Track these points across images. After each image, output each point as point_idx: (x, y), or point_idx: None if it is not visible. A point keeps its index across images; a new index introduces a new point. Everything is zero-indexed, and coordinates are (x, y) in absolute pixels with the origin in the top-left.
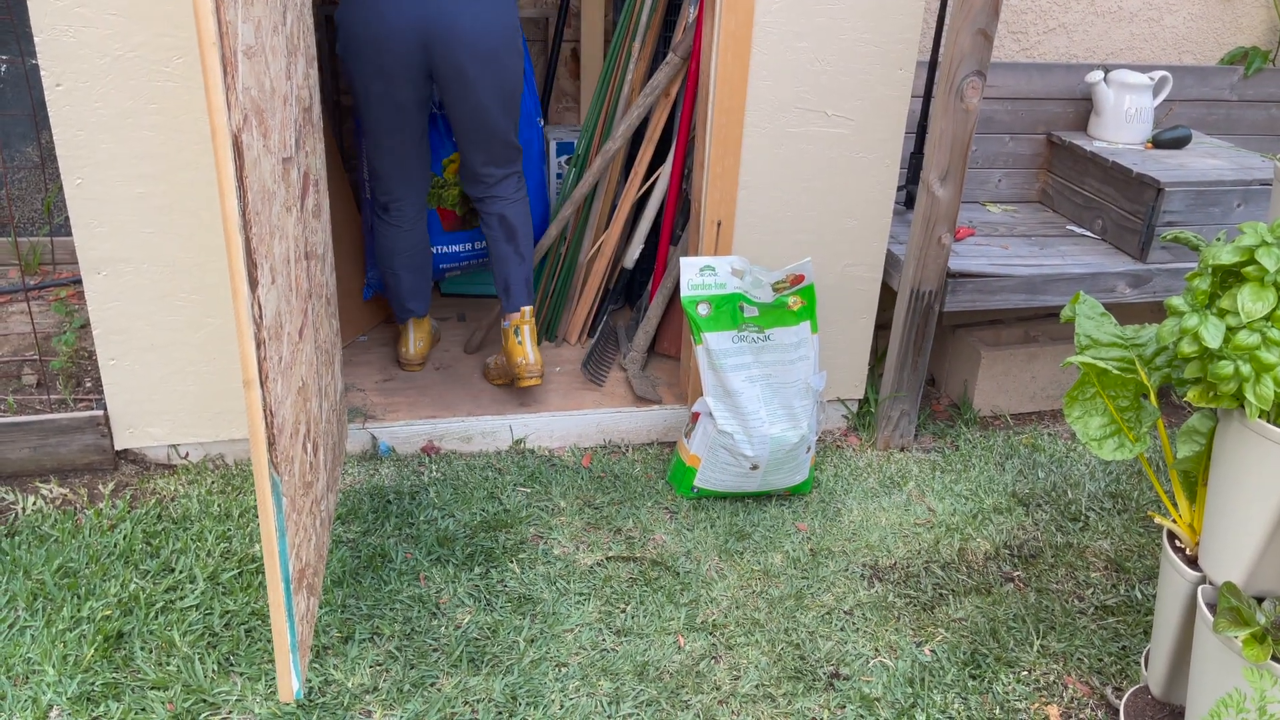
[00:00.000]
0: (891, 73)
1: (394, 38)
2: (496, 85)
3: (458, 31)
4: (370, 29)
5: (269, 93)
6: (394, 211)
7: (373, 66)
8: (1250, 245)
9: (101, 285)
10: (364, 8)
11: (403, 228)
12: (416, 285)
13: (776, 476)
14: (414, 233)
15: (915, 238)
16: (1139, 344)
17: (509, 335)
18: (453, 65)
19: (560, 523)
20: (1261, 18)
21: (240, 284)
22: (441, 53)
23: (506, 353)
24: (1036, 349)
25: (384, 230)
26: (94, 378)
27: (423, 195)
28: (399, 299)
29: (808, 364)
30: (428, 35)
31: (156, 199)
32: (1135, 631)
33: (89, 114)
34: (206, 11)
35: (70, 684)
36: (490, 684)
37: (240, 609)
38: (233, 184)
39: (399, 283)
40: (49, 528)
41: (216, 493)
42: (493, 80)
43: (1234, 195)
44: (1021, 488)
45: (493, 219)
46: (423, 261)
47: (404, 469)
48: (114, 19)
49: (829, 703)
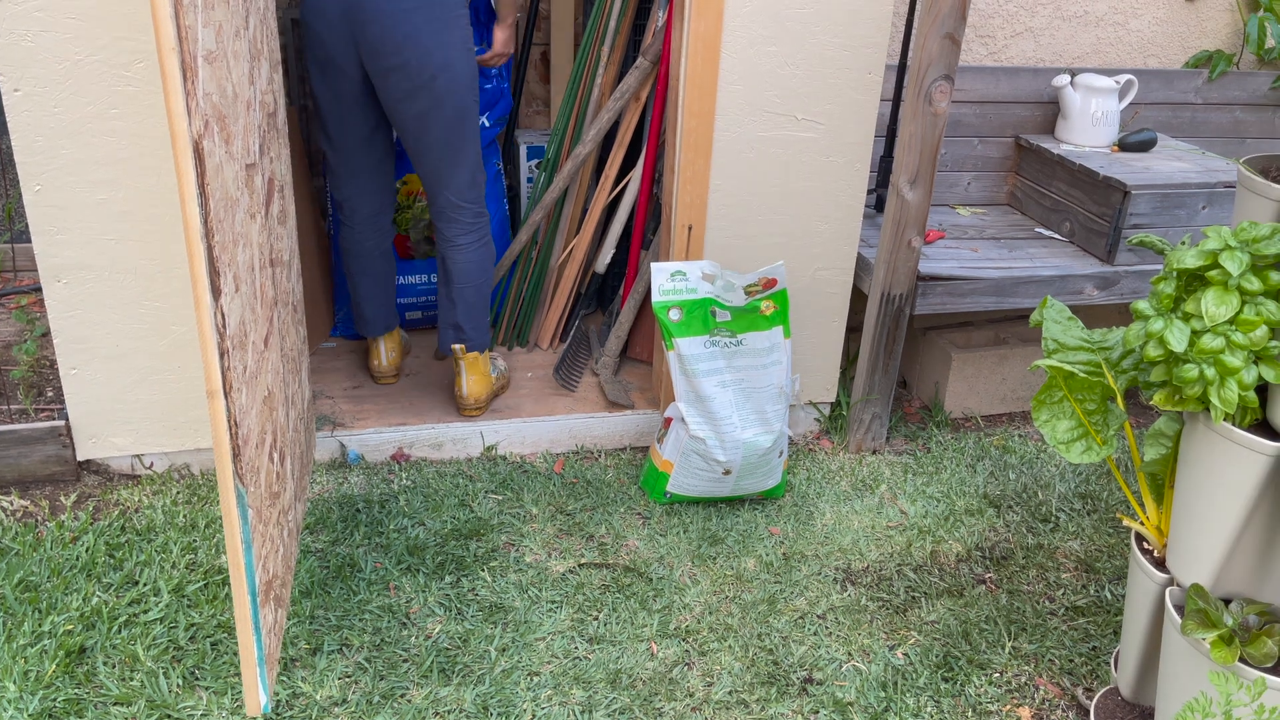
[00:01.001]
0: (861, 77)
1: (323, 23)
2: (427, 84)
3: (376, 11)
4: (310, 15)
5: (231, 98)
6: (345, 210)
7: (312, 55)
8: (1214, 249)
9: (62, 293)
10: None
11: (353, 227)
12: (372, 293)
13: (749, 481)
14: (364, 235)
15: (885, 241)
16: (1106, 347)
17: (451, 365)
18: (371, 53)
19: (532, 530)
20: (1225, 21)
21: (203, 293)
22: (361, 36)
23: None
24: (1007, 351)
25: (339, 230)
26: (55, 387)
27: (376, 199)
28: (357, 307)
29: (781, 368)
30: (350, 17)
31: (118, 205)
32: (1105, 632)
33: (49, 119)
34: (165, 16)
35: (31, 700)
36: (461, 694)
37: (206, 622)
38: (194, 191)
39: (355, 288)
40: (9, 540)
41: (182, 503)
42: (419, 77)
43: (1199, 198)
44: (993, 489)
45: (438, 258)
46: (378, 270)
47: (373, 477)
48: (73, 23)
49: (802, 708)
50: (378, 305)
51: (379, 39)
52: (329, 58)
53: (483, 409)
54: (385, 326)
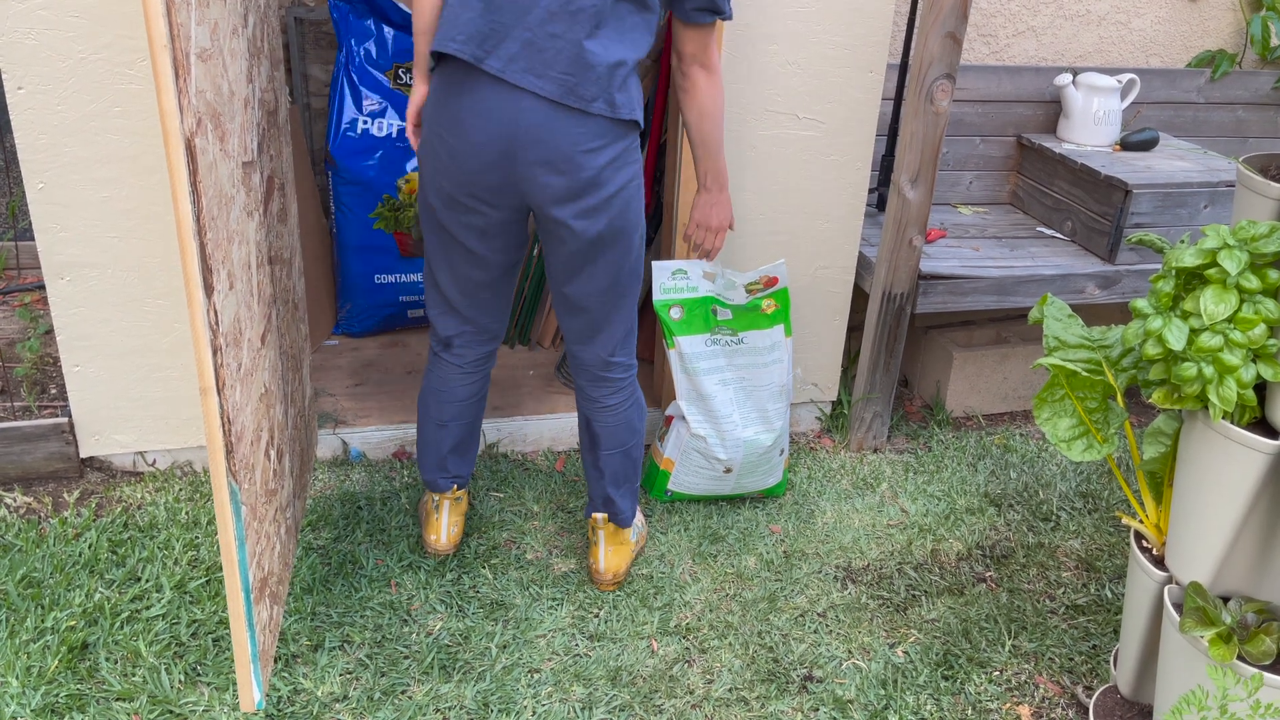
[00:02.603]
0: (862, 76)
1: (474, 154)
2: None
3: (552, 148)
4: (449, 138)
5: (227, 96)
6: (454, 349)
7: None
8: (1213, 248)
9: (66, 290)
10: (444, 104)
11: (460, 369)
12: (463, 444)
13: (750, 479)
14: (469, 379)
15: (887, 240)
16: (1106, 345)
17: (588, 529)
18: (545, 196)
19: (533, 527)
20: (1228, 21)
21: (195, 290)
22: (530, 175)
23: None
24: (1008, 350)
25: (440, 370)
26: (59, 384)
27: (492, 341)
28: (439, 460)
29: (782, 367)
30: (513, 156)
31: (121, 203)
32: (1105, 631)
33: (52, 117)
34: (157, 14)
35: (34, 696)
36: (462, 691)
37: (208, 618)
38: (186, 189)
39: (443, 437)
40: (13, 537)
41: (184, 500)
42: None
43: (1201, 197)
44: (994, 488)
45: (580, 416)
46: (472, 417)
47: (375, 474)
48: (77, 21)
49: (802, 705)
50: (460, 461)
51: (555, 185)
52: (477, 195)
53: (620, 583)
54: (460, 481)
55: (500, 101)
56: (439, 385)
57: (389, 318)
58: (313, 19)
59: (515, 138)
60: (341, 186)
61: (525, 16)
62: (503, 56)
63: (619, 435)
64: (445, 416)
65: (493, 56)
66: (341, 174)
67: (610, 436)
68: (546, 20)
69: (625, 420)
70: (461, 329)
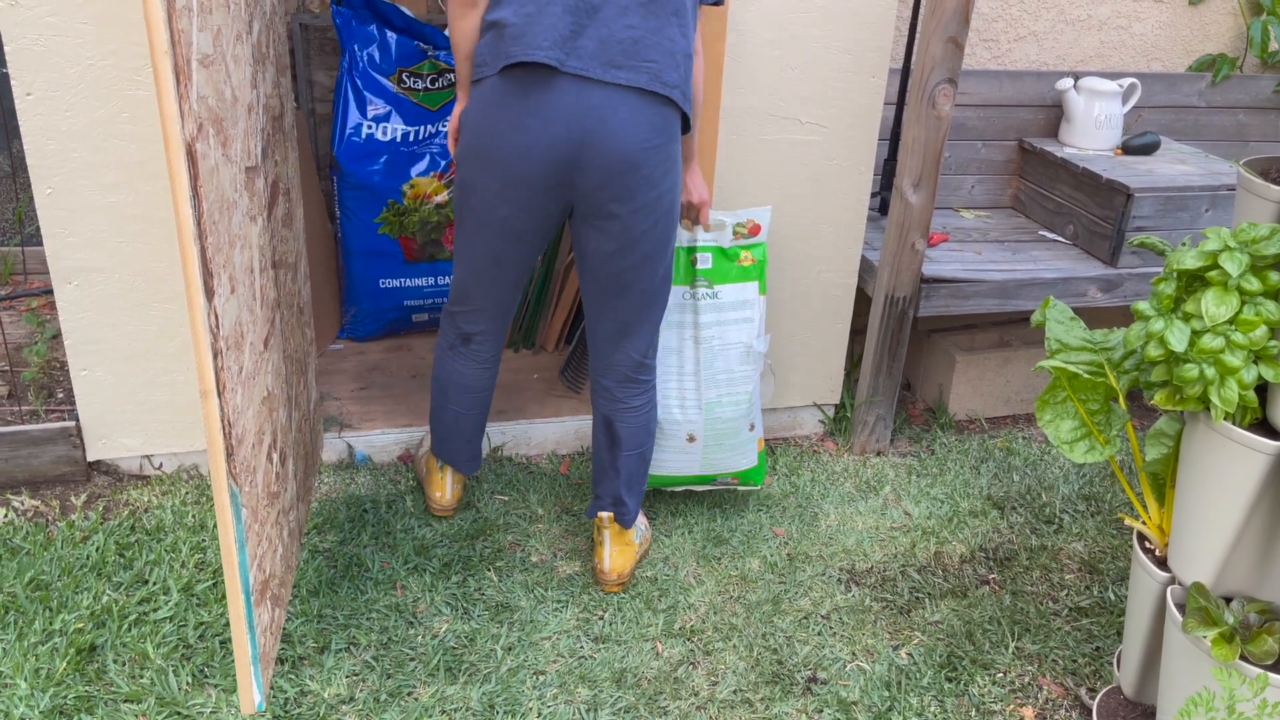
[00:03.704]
0: (864, 80)
1: (537, 155)
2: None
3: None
4: (508, 139)
5: (230, 102)
6: (475, 344)
7: (499, 185)
8: (1213, 250)
9: (73, 295)
10: (504, 107)
11: (479, 363)
12: (480, 429)
13: (719, 456)
14: (486, 372)
15: (889, 243)
16: (1108, 348)
17: (593, 530)
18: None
19: (538, 530)
20: (1229, 25)
21: (196, 293)
22: (590, 174)
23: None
24: (1010, 353)
25: (458, 364)
26: (66, 388)
27: (505, 335)
28: (461, 444)
29: (752, 326)
30: (574, 155)
31: (128, 208)
32: (1108, 632)
33: (60, 123)
34: (158, 20)
35: (42, 697)
36: (468, 693)
37: (214, 620)
38: (187, 193)
39: (463, 424)
40: (20, 540)
41: (190, 503)
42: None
43: (1202, 200)
44: (996, 491)
45: (598, 416)
46: (485, 405)
47: (381, 478)
48: (85, 28)
49: (806, 707)
50: (479, 442)
51: (617, 183)
52: (526, 200)
53: (625, 584)
54: (478, 464)
55: (573, 99)
56: (459, 378)
57: (393, 322)
58: (317, 25)
59: (586, 133)
60: (346, 191)
61: (597, 14)
62: (583, 55)
63: (639, 437)
64: (466, 405)
65: (573, 57)
66: (346, 179)
67: (632, 437)
68: (621, 15)
69: (646, 422)
70: (484, 328)
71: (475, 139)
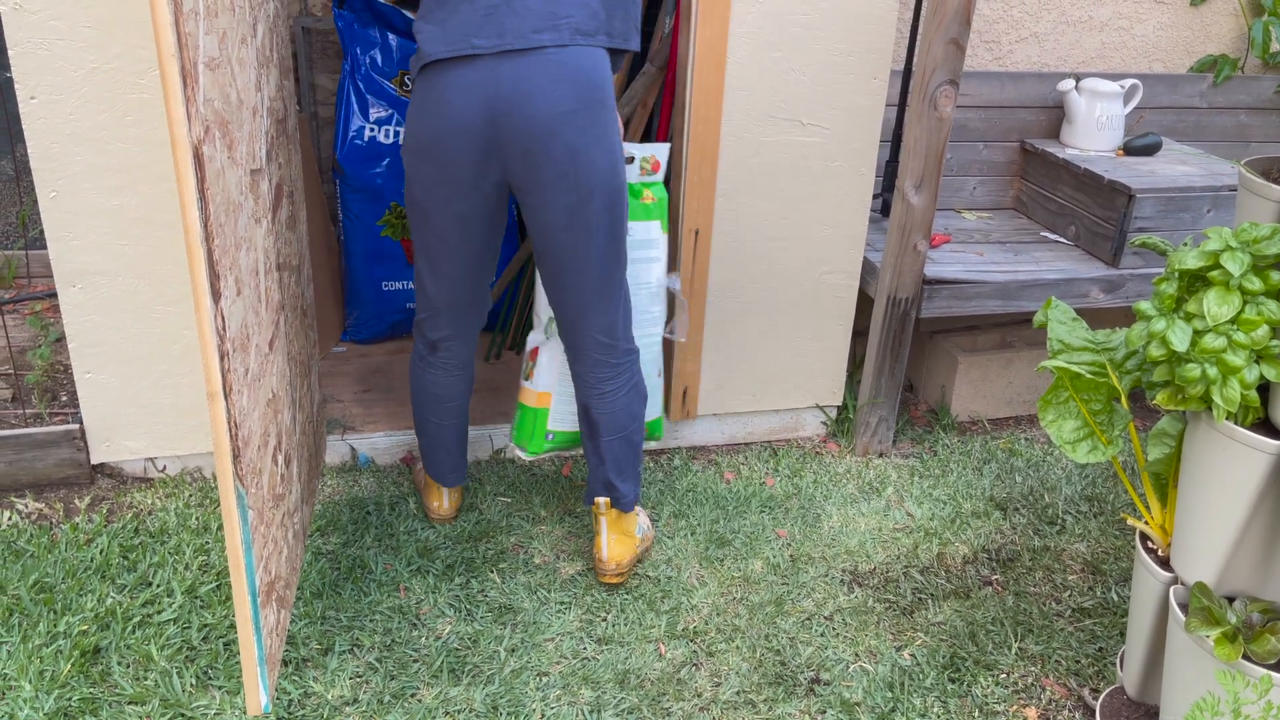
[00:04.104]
0: (866, 82)
1: (460, 138)
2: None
3: (534, 116)
4: (439, 132)
5: (235, 104)
6: (442, 352)
7: (432, 177)
8: (1215, 250)
9: (77, 298)
10: (428, 94)
11: (448, 371)
12: (462, 437)
13: None
14: (459, 380)
15: (891, 245)
16: (1110, 348)
17: (592, 521)
18: (528, 165)
19: (541, 532)
20: (1230, 26)
21: (202, 296)
22: (513, 148)
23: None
24: (1013, 354)
25: (430, 374)
26: (70, 391)
27: (474, 339)
28: (444, 455)
29: (660, 265)
30: (498, 125)
31: (132, 211)
32: (1111, 633)
33: (64, 126)
34: (165, 24)
35: (47, 700)
36: (471, 694)
37: (218, 622)
38: (193, 196)
39: (443, 434)
40: (25, 543)
41: (194, 506)
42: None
43: (1204, 201)
44: (999, 492)
45: (578, 404)
46: (464, 415)
47: (384, 480)
48: (88, 32)
49: (809, 708)
50: (463, 451)
51: (539, 151)
52: (460, 177)
53: (624, 576)
54: (465, 473)
55: (491, 71)
56: (433, 389)
57: (396, 324)
58: (320, 28)
59: (503, 101)
60: (349, 194)
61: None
62: (503, 33)
63: (619, 421)
64: (442, 414)
65: (489, 38)
66: (349, 182)
67: (611, 422)
68: None
69: (625, 405)
70: (447, 332)
71: (409, 133)
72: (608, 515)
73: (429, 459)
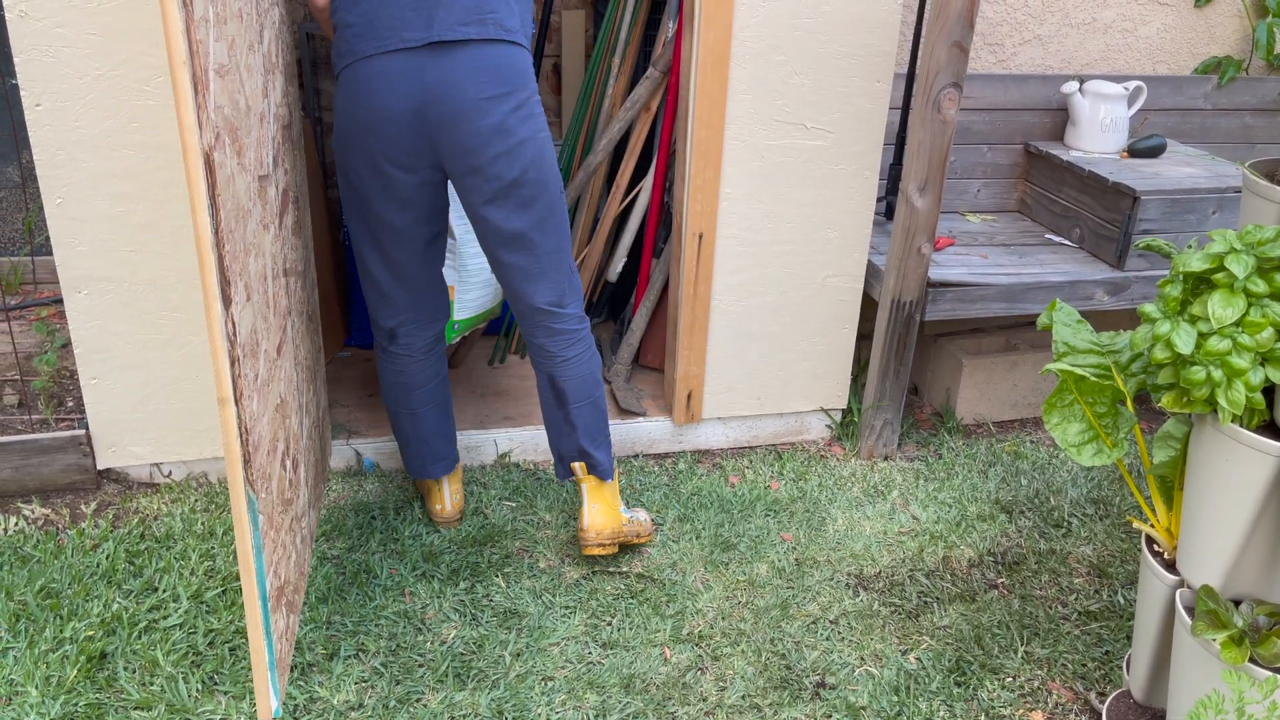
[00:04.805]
0: (869, 85)
1: (389, 126)
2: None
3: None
4: (368, 120)
5: (244, 111)
6: (400, 341)
7: (364, 164)
8: (1220, 252)
9: (83, 304)
10: (355, 85)
11: (411, 357)
12: (438, 427)
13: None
14: (424, 366)
15: (895, 248)
16: (1115, 350)
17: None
18: (456, 150)
19: (546, 536)
20: (1234, 27)
21: (213, 301)
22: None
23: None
24: (1017, 357)
25: (392, 364)
26: (76, 397)
27: (434, 325)
28: (422, 446)
29: None
30: (424, 113)
31: (137, 217)
32: (1118, 636)
33: (69, 133)
34: (176, 31)
35: (53, 705)
36: (476, 699)
37: (224, 627)
38: (205, 202)
39: (419, 424)
40: (31, 548)
41: (200, 511)
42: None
43: (1209, 203)
44: (1004, 495)
45: (541, 376)
46: (441, 398)
47: (389, 484)
48: (94, 39)
49: (815, 712)
50: (444, 439)
51: (466, 133)
52: (394, 162)
53: (607, 548)
54: (452, 462)
55: (420, 60)
56: (397, 378)
57: None
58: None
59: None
60: None
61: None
62: (432, 25)
63: (586, 386)
64: (414, 403)
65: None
66: None
67: (579, 389)
68: None
69: (590, 371)
70: (401, 318)
71: (339, 125)
72: (588, 481)
73: (408, 458)
